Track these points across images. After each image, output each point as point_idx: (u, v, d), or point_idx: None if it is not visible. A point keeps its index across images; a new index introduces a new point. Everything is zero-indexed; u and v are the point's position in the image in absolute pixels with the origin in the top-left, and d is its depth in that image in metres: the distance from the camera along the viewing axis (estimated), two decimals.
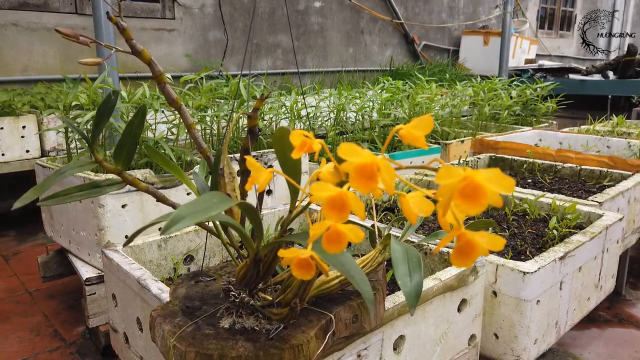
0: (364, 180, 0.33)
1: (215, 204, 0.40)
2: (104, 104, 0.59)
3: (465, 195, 0.31)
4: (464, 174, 0.31)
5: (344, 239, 0.37)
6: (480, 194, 0.31)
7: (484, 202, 0.31)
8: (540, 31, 7.52)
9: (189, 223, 0.37)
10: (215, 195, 0.42)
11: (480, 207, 0.31)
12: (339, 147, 0.33)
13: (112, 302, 1.06)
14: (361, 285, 0.46)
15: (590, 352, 1.57)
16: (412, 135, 0.37)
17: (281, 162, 0.49)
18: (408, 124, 0.37)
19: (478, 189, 0.31)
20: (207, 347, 0.63)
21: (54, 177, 0.59)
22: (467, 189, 0.31)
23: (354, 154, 0.33)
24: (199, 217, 0.38)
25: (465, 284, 0.93)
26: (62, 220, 1.71)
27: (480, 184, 0.30)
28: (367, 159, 0.33)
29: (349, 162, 0.33)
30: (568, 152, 2.01)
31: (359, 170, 0.33)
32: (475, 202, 0.31)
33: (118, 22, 0.57)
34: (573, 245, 1.11)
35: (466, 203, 0.31)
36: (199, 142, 0.71)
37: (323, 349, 0.68)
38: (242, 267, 0.60)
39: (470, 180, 0.31)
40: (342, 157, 0.33)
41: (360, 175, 0.33)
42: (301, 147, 0.40)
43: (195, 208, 0.38)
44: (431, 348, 0.90)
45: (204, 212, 0.38)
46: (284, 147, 0.47)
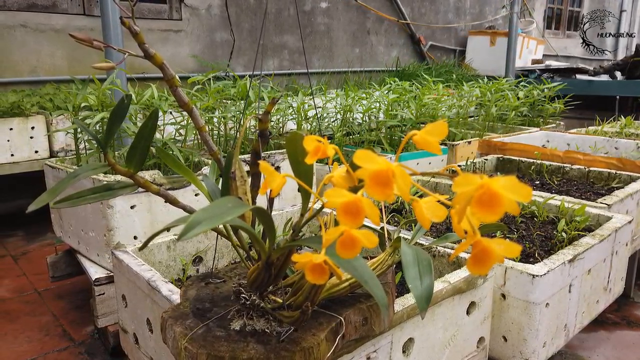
0: (380, 187, 0.33)
1: (230, 208, 0.40)
2: (117, 107, 0.60)
3: (482, 203, 0.31)
4: (481, 182, 0.31)
5: (357, 244, 0.37)
6: (497, 202, 0.31)
7: (501, 210, 0.31)
8: (547, 31, 7.49)
9: (206, 228, 0.37)
10: (230, 200, 0.42)
11: (496, 215, 0.31)
12: (355, 154, 0.34)
13: (121, 302, 1.07)
14: (375, 290, 0.46)
15: (598, 354, 1.57)
16: (426, 141, 0.37)
17: (293, 166, 0.49)
18: (422, 130, 0.38)
19: (495, 197, 0.31)
20: (219, 349, 0.63)
21: (67, 180, 0.59)
22: (484, 197, 0.31)
23: (370, 161, 0.33)
24: (215, 222, 0.38)
25: (474, 286, 0.93)
26: (71, 220, 1.73)
27: (497, 192, 0.31)
28: (383, 166, 0.33)
29: (364, 169, 0.34)
30: (576, 153, 2.00)
31: (375, 177, 0.33)
32: (492, 210, 0.31)
33: (131, 26, 0.58)
34: (582, 248, 1.10)
35: (483, 211, 0.31)
36: (210, 145, 0.71)
37: (333, 351, 0.68)
38: (254, 270, 0.60)
39: (487, 189, 0.31)
40: (357, 164, 0.34)
41: (375, 182, 0.33)
42: (315, 152, 0.41)
43: (211, 213, 0.39)
44: (440, 350, 0.90)
45: (219, 217, 0.39)
46: (296, 152, 0.48)
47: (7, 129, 2.33)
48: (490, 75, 4.39)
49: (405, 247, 0.64)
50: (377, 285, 0.47)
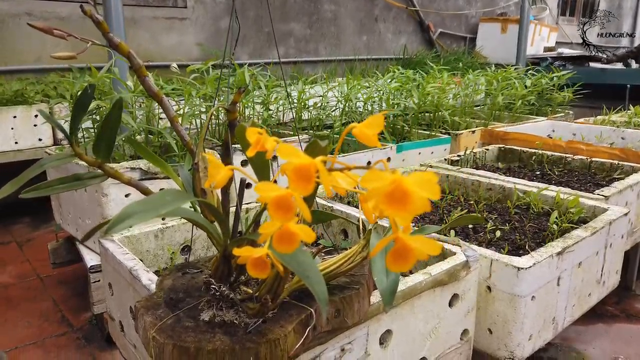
0: (302, 182, 0.32)
1: (169, 201, 0.40)
2: (81, 97, 0.59)
3: (393, 200, 0.30)
4: (393, 178, 0.30)
5: (295, 238, 0.37)
6: (408, 199, 0.30)
7: (412, 207, 0.30)
8: (562, 18, 7.33)
9: (137, 221, 0.37)
10: (170, 192, 0.42)
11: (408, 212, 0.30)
12: (278, 148, 0.33)
13: (108, 290, 1.08)
14: (315, 286, 0.45)
15: (595, 347, 1.55)
16: (365, 134, 0.36)
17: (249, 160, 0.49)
18: (361, 123, 0.37)
19: (406, 194, 0.30)
20: (185, 340, 0.63)
21: (33, 169, 0.60)
22: (395, 193, 0.30)
23: (293, 155, 0.33)
24: (149, 215, 0.38)
25: (456, 279, 0.92)
26: (69, 208, 1.74)
27: (408, 189, 0.29)
28: (305, 161, 0.32)
29: (287, 163, 0.33)
30: (579, 143, 1.97)
31: (297, 172, 0.32)
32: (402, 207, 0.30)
33: (93, 15, 0.57)
34: (572, 241, 1.08)
35: (393, 207, 0.30)
36: (182, 135, 0.71)
37: (302, 343, 0.68)
38: (214, 262, 0.60)
39: (398, 185, 0.30)
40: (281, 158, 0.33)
41: (297, 176, 0.33)
42: (255, 144, 0.40)
43: (146, 206, 0.38)
44: (420, 342, 0.89)
45: (154, 210, 0.38)
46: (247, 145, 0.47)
47: (11, 117, 2.35)
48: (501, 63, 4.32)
49: (374, 239, 0.63)
50: (318, 280, 0.46)
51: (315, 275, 0.46)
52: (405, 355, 0.88)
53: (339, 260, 0.69)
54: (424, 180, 0.30)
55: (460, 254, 0.96)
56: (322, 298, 0.47)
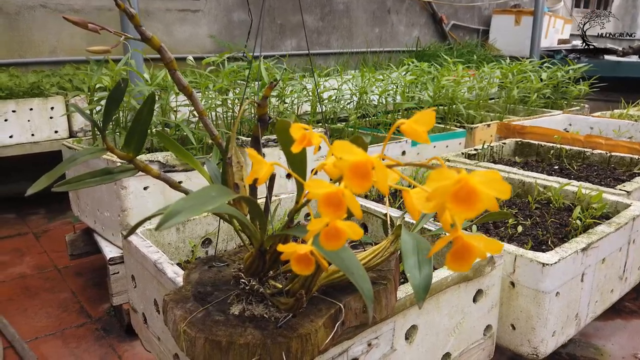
0: (358, 179, 0.32)
1: (214, 197, 0.39)
2: (113, 92, 0.59)
3: (459, 199, 0.29)
4: (458, 177, 0.30)
5: (342, 235, 0.36)
6: (474, 198, 0.29)
7: (479, 206, 0.29)
8: (576, 9, 7.23)
9: (184, 218, 0.37)
10: (214, 188, 0.42)
11: (474, 211, 0.29)
12: (333, 145, 0.32)
13: (131, 283, 1.09)
14: (361, 283, 0.45)
15: (613, 343, 1.54)
16: (414, 130, 0.36)
17: (286, 155, 0.48)
18: (410, 119, 0.36)
19: (472, 193, 0.29)
20: (216, 334, 0.64)
21: (65, 163, 0.60)
22: (461, 192, 0.29)
23: (348, 152, 0.32)
24: (196, 212, 0.38)
25: (481, 274, 0.92)
26: (87, 200, 1.76)
27: (475, 188, 0.29)
28: (361, 158, 0.32)
29: (343, 160, 0.32)
30: (598, 137, 1.94)
31: (353, 169, 0.32)
32: (469, 206, 0.29)
33: (127, 9, 0.57)
34: (597, 237, 1.07)
35: (460, 207, 0.29)
36: (211, 129, 0.71)
37: (332, 338, 0.68)
38: (248, 257, 0.60)
39: (464, 184, 0.29)
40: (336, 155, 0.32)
41: (354, 174, 0.32)
42: (301, 140, 0.40)
43: (193, 202, 0.38)
44: (445, 338, 0.89)
45: (200, 206, 0.38)
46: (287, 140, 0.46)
47: (28, 109, 2.37)
48: (515, 55, 4.27)
49: (406, 235, 0.62)
50: (363, 277, 0.46)
51: (360, 272, 0.46)
52: (430, 351, 0.87)
53: (368, 255, 0.68)
54: (492, 180, 0.29)
55: None
56: (368, 295, 0.46)
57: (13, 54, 2.86)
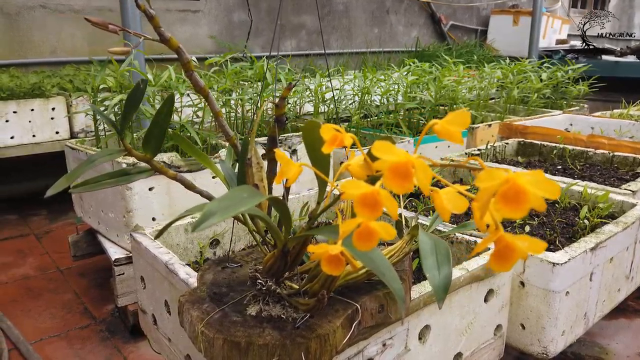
0: (399, 180, 0.32)
1: (245, 198, 0.39)
2: (132, 93, 0.59)
3: (507, 199, 0.30)
4: (506, 177, 0.30)
5: (375, 236, 0.36)
6: (522, 198, 0.29)
7: (527, 206, 0.30)
8: (573, 10, 7.26)
9: (220, 219, 0.37)
10: (245, 189, 0.42)
11: (522, 211, 0.30)
12: (374, 145, 0.32)
13: (140, 284, 1.09)
14: (392, 283, 0.45)
15: (617, 342, 1.55)
16: (448, 131, 0.36)
17: (310, 154, 0.49)
18: (443, 119, 0.36)
19: (521, 193, 0.29)
20: (235, 335, 0.64)
21: (84, 165, 0.60)
22: (509, 192, 0.30)
23: (389, 152, 0.32)
24: (230, 213, 0.38)
25: (492, 274, 0.92)
26: (91, 201, 1.75)
27: (523, 188, 0.29)
28: (402, 158, 0.32)
29: (383, 161, 0.33)
30: (600, 137, 1.95)
31: (394, 169, 0.32)
32: (517, 206, 0.29)
33: (146, 10, 0.57)
34: (605, 236, 1.08)
35: (508, 207, 0.30)
36: (226, 130, 0.71)
37: (349, 338, 0.68)
38: (269, 257, 0.60)
39: (513, 184, 0.29)
40: (376, 155, 0.33)
41: (394, 174, 0.32)
42: (332, 141, 0.40)
43: (226, 203, 0.38)
44: (456, 338, 0.90)
45: (234, 207, 0.38)
46: (313, 140, 0.47)
47: (29, 109, 2.36)
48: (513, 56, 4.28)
49: (423, 235, 0.62)
50: (394, 277, 0.46)
51: (391, 273, 0.46)
52: (442, 351, 0.88)
53: (385, 255, 0.68)
54: (540, 180, 0.29)
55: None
56: (399, 295, 0.47)
57: (13, 55, 2.85)
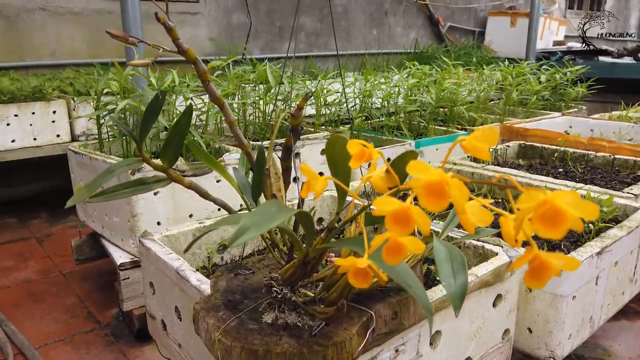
0: (433, 198, 0.33)
1: (275, 213, 0.40)
2: (151, 104, 0.60)
3: (546, 220, 0.30)
4: (544, 198, 0.30)
5: (404, 250, 0.37)
6: (561, 219, 0.30)
7: (565, 227, 0.30)
8: (569, 11, 7.30)
9: (254, 234, 0.38)
10: (273, 204, 0.42)
11: (560, 232, 0.30)
12: (409, 165, 0.33)
13: (149, 289, 1.09)
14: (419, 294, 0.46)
15: (620, 344, 1.56)
16: (475, 147, 0.37)
17: (331, 167, 0.49)
18: (470, 135, 0.37)
19: (559, 214, 0.30)
20: (253, 343, 0.64)
21: (104, 175, 0.60)
22: (547, 213, 0.30)
23: (423, 171, 0.33)
24: (263, 228, 0.38)
25: (501, 279, 0.93)
26: (95, 206, 1.75)
27: (562, 209, 0.30)
28: (437, 177, 0.33)
29: (417, 179, 0.33)
30: (601, 140, 1.97)
31: (428, 188, 0.33)
32: (555, 227, 0.30)
33: (165, 22, 0.57)
34: (610, 240, 1.09)
35: (546, 228, 0.30)
36: (241, 139, 0.71)
37: (364, 345, 0.68)
38: (290, 267, 0.61)
39: (551, 205, 0.30)
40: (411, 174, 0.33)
41: (429, 192, 0.33)
42: (359, 156, 0.40)
43: (258, 219, 0.39)
44: (466, 343, 0.90)
45: (267, 223, 0.39)
46: (335, 154, 0.47)
47: (30, 113, 2.36)
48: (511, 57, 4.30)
49: (438, 243, 0.63)
50: (421, 289, 0.47)
51: (417, 284, 0.47)
52: (452, 356, 0.89)
53: None
54: (578, 201, 0.30)
55: (503, 254, 0.97)
56: (427, 306, 0.47)
57: (13, 57, 2.84)
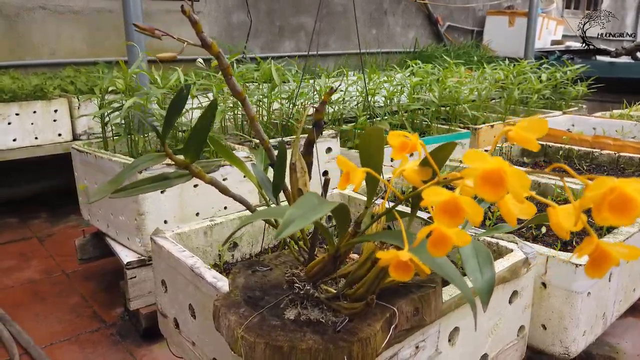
0: (490, 187, 0.32)
1: (317, 205, 0.40)
2: (176, 99, 0.59)
3: (614, 208, 0.30)
4: (612, 186, 0.30)
5: (449, 243, 0.37)
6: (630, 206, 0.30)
7: (635, 214, 0.30)
8: (566, 11, 7.33)
9: (299, 226, 0.37)
10: (313, 196, 0.42)
11: (630, 219, 0.30)
12: (465, 154, 0.33)
13: (161, 288, 1.08)
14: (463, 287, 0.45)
15: (627, 341, 1.56)
16: (523, 137, 0.36)
17: (363, 159, 0.49)
18: (517, 125, 0.37)
19: (628, 202, 0.30)
20: (277, 339, 0.64)
21: (127, 170, 0.59)
22: (616, 201, 0.30)
23: (480, 160, 0.33)
24: (308, 220, 0.38)
25: (517, 276, 0.93)
26: (99, 204, 1.74)
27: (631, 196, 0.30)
28: (493, 165, 0.33)
29: (474, 168, 0.33)
30: (605, 138, 1.97)
31: (485, 177, 0.33)
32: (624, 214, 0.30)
33: (191, 15, 0.57)
34: (623, 237, 1.09)
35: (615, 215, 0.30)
36: (261, 134, 0.71)
37: (387, 341, 0.68)
38: (317, 262, 0.60)
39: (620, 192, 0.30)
40: (467, 163, 0.33)
41: (486, 181, 0.33)
42: (401, 147, 0.40)
43: (301, 211, 0.38)
44: (483, 339, 0.90)
45: (310, 214, 0.38)
46: (370, 145, 0.47)
47: (31, 112, 2.34)
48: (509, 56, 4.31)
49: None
50: (464, 282, 0.46)
51: (459, 277, 0.46)
52: (470, 352, 0.88)
53: None
54: None
55: (518, 250, 0.97)
56: (470, 300, 0.47)
57: (12, 56, 2.82)
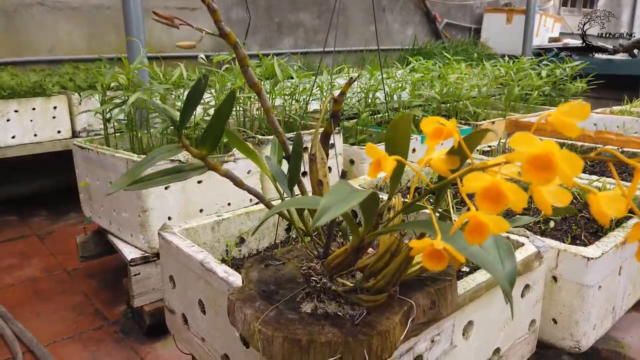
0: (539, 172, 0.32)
1: (350, 194, 0.39)
2: (193, 90, 0.58)
3: None
4: None
5: (486, 230, 0.36)
6: None
7: None
8: (563, 8, 7.34)
9: (336, 213, 0.36)
10: (346, 185, 0.41)
11: None
12: (513, 137, 0.32)
13: (169, 284, 1.07)
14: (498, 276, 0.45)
15: (632, 335, 1.57)
16: (563, 123, 0.35)
17: (389, 147, 0.48)
18: (557, 110, 0.36)
19: None
20: (295, 332, 0.63)
21: (145, 162, 0.58)
22: None
23: (528, 144, 0.32)
24: (343, 208, 0.37)
25: (530, 269, 0.92)
26: (102, 201, 1.73)
27: None
28: (542, 149, 0.32)
29: (520, 152, 0.32)
30: (608, 133, 1.97)
31: (533, 161, 0.32)
32: None
33: (210, 4, 0.56)
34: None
35: None
36: (276, 127, 0.70)
37: (405, 335, 0.67)
38: (340, 253, 0.59)
39: None
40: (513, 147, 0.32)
41: (534, 166, 0.32)
42: (436, 134, 0.39)
43: (336, 199, 0.38)
44: (496, 333, 0.90)
45: (345, 203, 0.37)
46: (396, 134, 0.46)
47: (30, 109, 2.32)
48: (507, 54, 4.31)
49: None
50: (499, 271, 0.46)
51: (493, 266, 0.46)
52: (483, 346, 0.88)
53: None
54: None
55: (529, 244, 0.96)
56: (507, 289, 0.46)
57: (11, 53, 2.80)
